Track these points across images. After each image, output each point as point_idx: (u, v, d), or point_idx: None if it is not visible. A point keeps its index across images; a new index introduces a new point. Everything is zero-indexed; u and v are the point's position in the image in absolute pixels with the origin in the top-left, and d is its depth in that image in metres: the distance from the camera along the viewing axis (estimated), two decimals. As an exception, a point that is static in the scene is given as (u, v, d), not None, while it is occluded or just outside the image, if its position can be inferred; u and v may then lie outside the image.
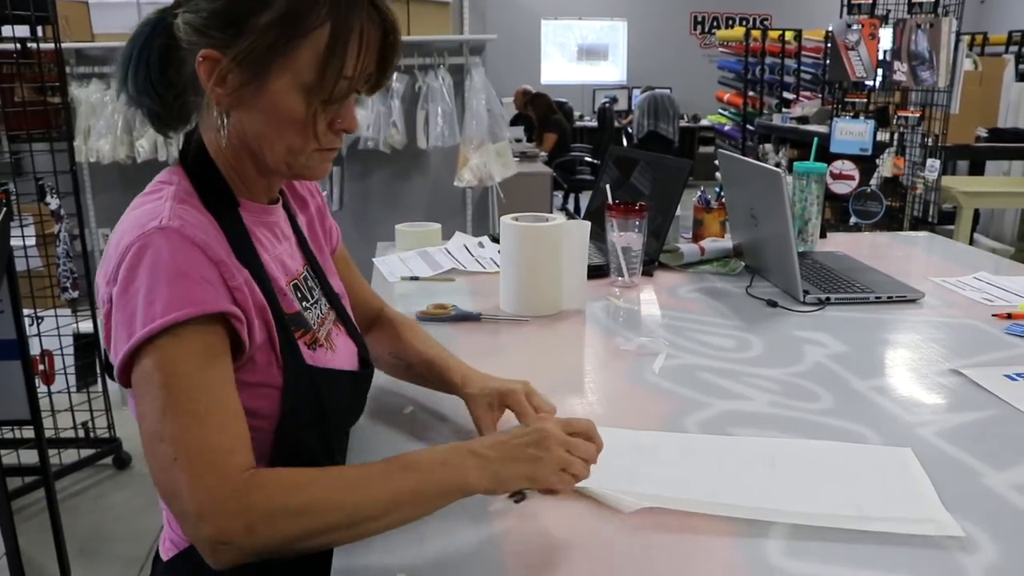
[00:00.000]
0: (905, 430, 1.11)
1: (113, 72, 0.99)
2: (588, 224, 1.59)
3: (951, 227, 4.39)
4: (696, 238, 2.09)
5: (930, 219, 4.11)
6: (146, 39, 0.93)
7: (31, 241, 3.06)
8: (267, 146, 0.93)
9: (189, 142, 0.98)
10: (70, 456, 3.09)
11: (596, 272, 1.79)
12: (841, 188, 4.08)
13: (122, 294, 0.83)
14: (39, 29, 2.92)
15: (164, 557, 1.05)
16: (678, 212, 1.99)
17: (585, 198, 8.00)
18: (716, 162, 7.10)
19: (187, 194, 0.92)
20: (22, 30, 2.91)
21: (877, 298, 1.69)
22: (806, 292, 1.68)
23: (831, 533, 0.87)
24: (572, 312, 1.61)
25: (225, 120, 0.92)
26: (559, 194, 7.91)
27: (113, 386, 3.29)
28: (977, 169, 5.48)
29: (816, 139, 2.28)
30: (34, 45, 2.93)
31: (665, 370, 1.32)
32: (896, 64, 4.07)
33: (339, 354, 1.06)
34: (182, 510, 0.77)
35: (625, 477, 0.98)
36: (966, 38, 5.21)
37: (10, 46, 2.95)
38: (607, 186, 1.88)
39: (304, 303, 1.03)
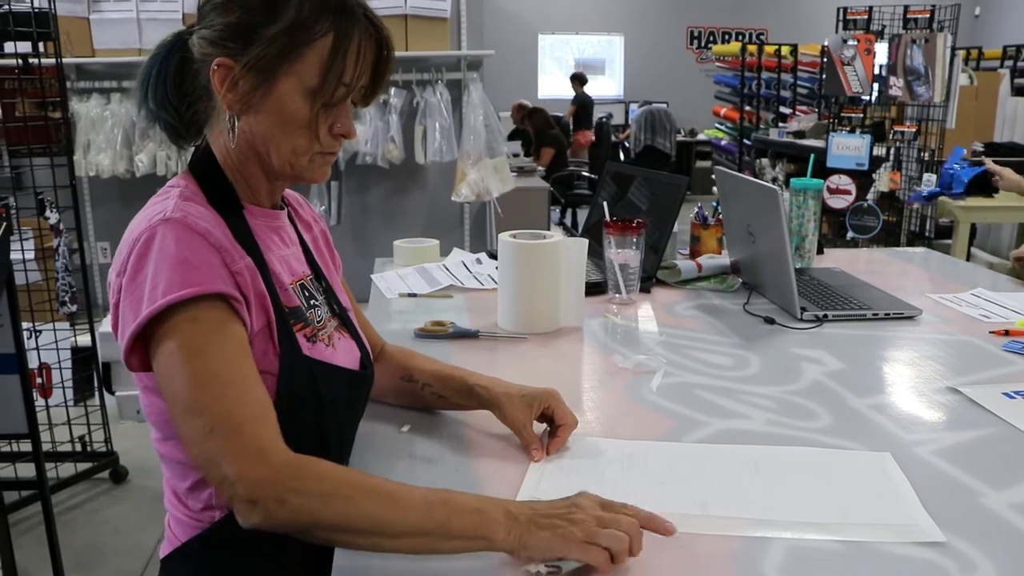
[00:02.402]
0: (903, 449, 1.11)
1: (132, 90, 1.07)
2: (586, 242, 1.59)
3: (948, 241, 4.40)
4: (693, 254, 2.10)
5: (927, 233, 4.13)
6: (164, 56, 1.01)
7: (30, 255, 3.06)
8: (273, 147, 0.99)
9: (199, 152, 1.05)
10: (67, 470, 3.07)
11: (594, 289, 1.79)
12: (838, 203, 4.10)
13: (130, 282, 0.90)
14: (41, 45, 2.93)
15: (162, 555, 1.09)
16: (675, 228, 2.00)
17: (582, 213, 8.02)
18: (713, 177, 7.13)
19: (193, 194, 0.99)
20: (24, 46, 2.92)
21: (875, 315, 1.70)
22: (803, 309, 1.69)
23: (826, 554, 0.87)
24: (570, 329, 1.61)
25: (235, 124, 0.99)
26: (556, 209, 7.92)
27: (111, 400, 3.30)
28: (973, 184, 5.49)
29: (812, 155, 2.29)
30: (36, 61, 2.95)
31: (663, 388, 1.33)
32: (892, 79, 4.09)
33: (339, 353, 1.09)
34: (221, 475, 0.84)
35: (611, 488, 0.99)
36: (961, 53, 5.23)
37: (12, 62, 2.96)
38: (604, 203, 1.89)
39: (307, 303, 1.07)
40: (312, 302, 1.08)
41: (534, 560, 0.82)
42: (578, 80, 9.66)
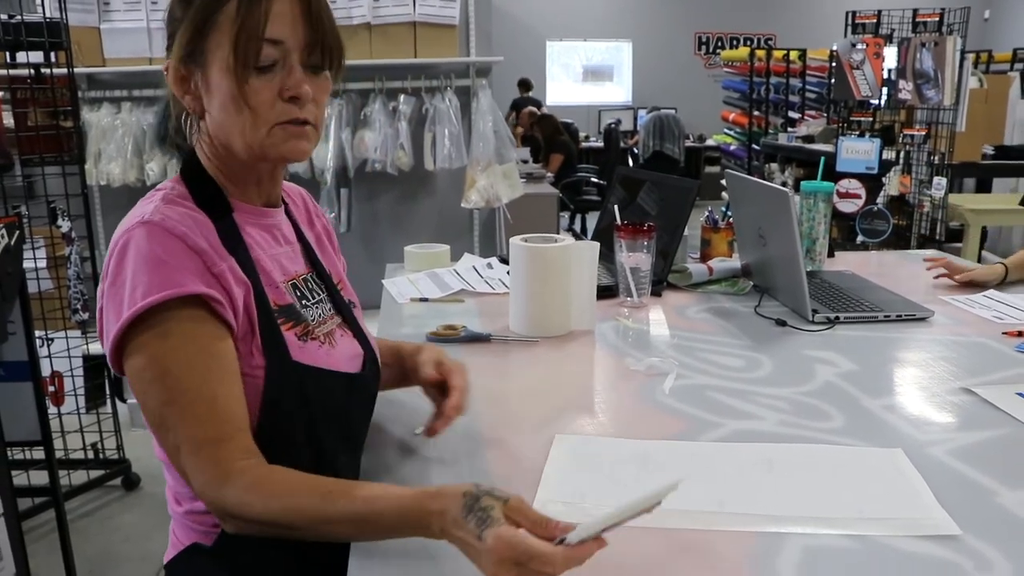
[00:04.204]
0: (917, 449, 1.11)
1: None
2: (597, 245, 1.60)
3: (959, 245, 4.39)
4: (704, 258, 2.10)
5: (937, 237, 4.11)
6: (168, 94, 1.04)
7: (42, 263, 3.08)
8: (230, 135, 0.98)
9: (186, 157, 1.06)
10: (79, 477, 3.09)
11: (605, 293, 1.79)
12: (847, 207, 4.09)
13: (111, 286, 0.92)
14: (52, 55, 2.96)
15: (165, 560, 1.11)
16: (686, 232, 2.00)
17: (591, 218, 8.02)
18: (723, 182, 7.12)
19: (180, 196, 0.99)
20: (36, 56, 2.95)
21: (886, 317, 1.70)
22: (815, 311, 1.69)
23: (842, 552, 0.87)
24: (582, 333, 1.61)
25: (202, 126, 1.01)
26: (565, 215, 7.92)
27: (122, 407, 3.31)
28: (984, 187, 5.48)
29: (823, 158, 2.28)
30: (48, 70, 2.97)
31: (675, 390, 1.33)
32: (901, 83, 4.09)
33: (338, 352, 1.07)
34: (194, 489, 0.90)
35: (626, 489, 1.00)
36: (971, 56, 5.23)
37: (24, 72, 2.98)
38: (615, 206, 1.89)
39: (303, 301, 1.06)
40: (305, 301, 1.06)
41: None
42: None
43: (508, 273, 1.88)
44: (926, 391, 1.33)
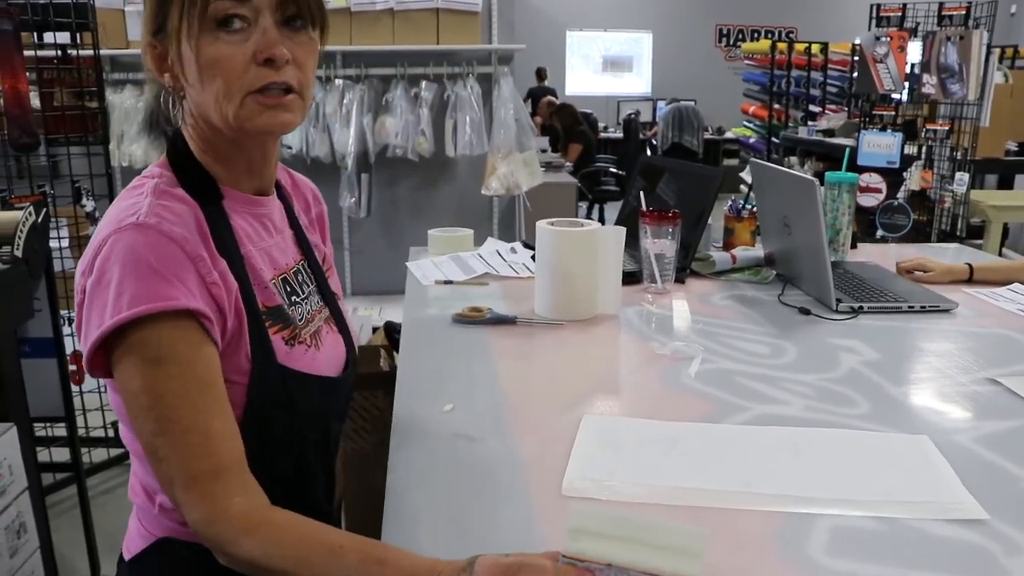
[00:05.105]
0: (942, 436, 1.11)
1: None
2: (623, 230, 1.60)
3: (979, 241, 4.36)
4: (727, 247, 2.10)
5: (958, 233, 4.09)
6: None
7: (65, 243, 3.10)
8: (207, 110, 0.92)
9: (171, 139, 0.99)
10: (99, 455, 3.12)
11: (628, 279, 1.79)
12: (868, 201, 4.07)
13: (95, 285, 0.85)
14: (79, 36, 2.98)
15: (127, 554, 1.04)
16: (709, 221, 2.00)
17: (609, 209, 8.01)
18: (741, 175, 7.09)
19: (169, 185, 0.93)
20: (63, 36, 2.97)
21: (910, 307, 1.69)
22: (839, 300, 1.68)
23: (870, 534, 0.88)
24: (606, 317, 1.62)
25: (184, 106, 0.96)
26: (583, 205, 7.92)
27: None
28: (1006, 183, 5.44)
29: (848, 149, 2.27)
30: (74, 51, 2.99)
31: (700, 374, 1.33)
32: (925, 77, 4.06)
33: (323, 353, 1.04)
34: (188, 523, 0.86)
35: (654, 469, 1.00)
36: (996, 51, 5.18)
37: (51, 52, 3.01)
38: (640, 192, 1.89)
39: (292, 298, 1.03)
40: (295, 298, 1.03)
41: None
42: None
43: (532, 258, 1.89)
44: (951, 380, 1.33)
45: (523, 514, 0.92)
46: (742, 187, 6.13)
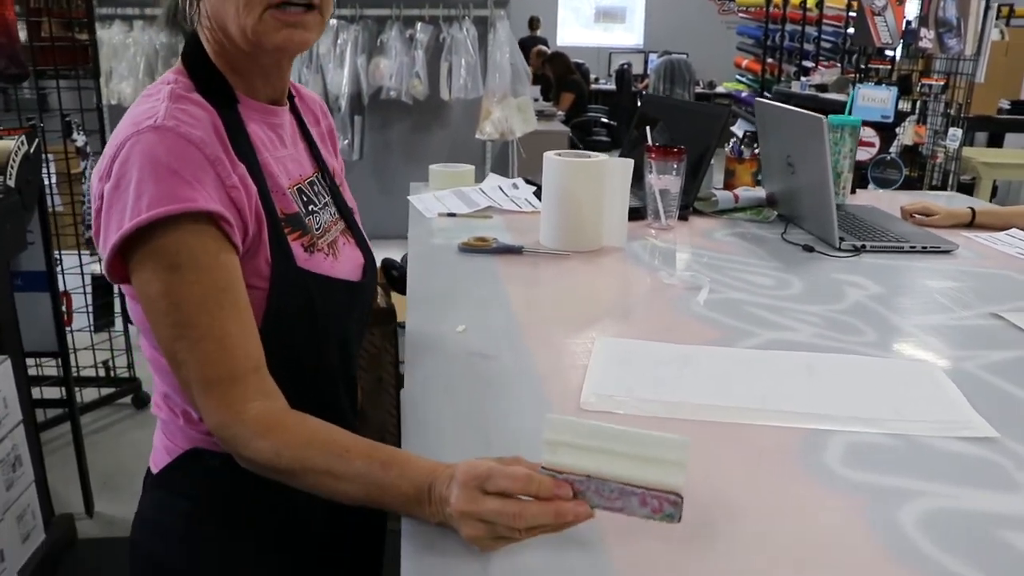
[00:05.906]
0: (951, 363, 1.13)
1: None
2: (631, 162, 1.59)
3: (969, 198, 4.38)
4: (728, 188, 2.10)
5: (948, 189, 4.10)
6: None
7: (54, 179, 3.05)
8: (225, 20, 0.90)
9: (188, 45, 0.97)
10: (90, 394, 3.11)
11: (633, 215, 1.79)
12: (861, 155, 4.05)
13: (114, 189, 0.84)
14: (68, -38, 2.91)
15: (154, 470, 1.03)
16: (711, 162, 2.00)
17: (599, 161, 7.97)
18: (732, 128, 7.06)
19: (185, 91, 0.91)
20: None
21: (912, 247, 1.70)
22: (841, 239, 1.69)
23: (885, 449, 0.89)
24: (612, 248, 1.62)
25: (201, 9, 0.93)
26: (573, 156, 7.87)
27: (133, 327, 3.32)
28: (996, 141, 5.45)
29: (853, 91, 2.27)
30: (63, -21, 2.92)
31: (709, 302, 1.34)
32: (923, 31, 4.04)
33: (341, 262, 1.03)
34: (207, 426, 0.86)
35: (671, 387, 1.01)
36: (994, 7, 5.16)
37: (39, -22, 2.94)
38: (647, 128, 1.88)
39: (309, 207, 1.02)
40: (311, 207, 1.02)
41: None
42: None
43: (535, 194, 1.89)
44: (955, 314, 1.34)
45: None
46: (732, 140, 6.10)
